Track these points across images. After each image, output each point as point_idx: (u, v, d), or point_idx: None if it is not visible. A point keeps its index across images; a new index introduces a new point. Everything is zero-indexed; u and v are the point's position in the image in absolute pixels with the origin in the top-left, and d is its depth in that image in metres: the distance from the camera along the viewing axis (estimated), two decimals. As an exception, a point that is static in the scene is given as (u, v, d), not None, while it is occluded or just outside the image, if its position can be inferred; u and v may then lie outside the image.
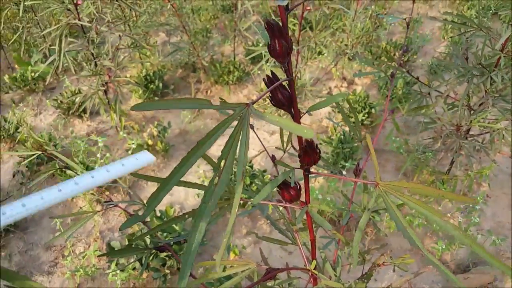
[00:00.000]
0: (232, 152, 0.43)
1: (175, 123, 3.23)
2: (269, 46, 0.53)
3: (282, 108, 0.60)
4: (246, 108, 0.44)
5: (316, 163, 0.69)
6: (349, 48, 3.56)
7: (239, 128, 0.43)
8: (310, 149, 0.66)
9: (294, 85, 0.58)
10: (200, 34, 4.04)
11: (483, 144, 2.24)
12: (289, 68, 0.54)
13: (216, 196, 0.43)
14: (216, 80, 3.66)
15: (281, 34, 0.51)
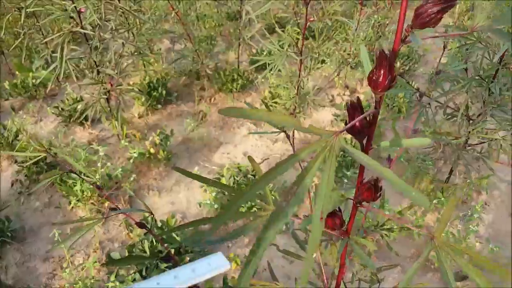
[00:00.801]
0: (308, 179, 0.38)
1: (178, 131, 3.22)
2: (371, 74, 0.50)
3: (355, 136, 0.56)
4: (335, 138, 0.40)
5: (374, 201, 0.66)
6: (351, 57, 3.56)
7: (323, 156, 0.39)
8: (374, 187, 0.63)
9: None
10: (204, 42, 4.05)
11: (481, 153, 2.25)
12: (381, 100, 0.52)
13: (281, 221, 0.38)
14: (220, 88, 3.66)
15: (390, 67, 0.48)
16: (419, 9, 0.46)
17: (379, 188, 0.64)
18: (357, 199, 0.66)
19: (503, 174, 2.85)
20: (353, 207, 0.70)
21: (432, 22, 0.45)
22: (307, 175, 0.38)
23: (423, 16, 0.45)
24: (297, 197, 0.38)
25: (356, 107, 0.55)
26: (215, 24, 4.51)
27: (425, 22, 0.46)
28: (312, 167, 0.38)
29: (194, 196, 2.67)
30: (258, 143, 3.24)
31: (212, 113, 3.51)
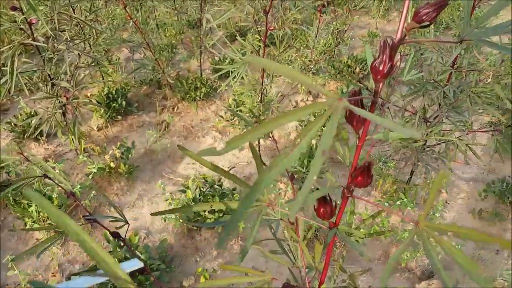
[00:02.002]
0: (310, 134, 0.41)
1: (140, 142, 3.13)
2: (374, 62, 0.54)
3: (352, 125, 0.61)
4: (339, 101, 0.43)
5: (366, 187, 0.68)
6: (313, 63, 3.60)
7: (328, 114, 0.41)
8: (367, 171, 0.65)
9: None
10: (165, 50, 3.98)
11: (439, 154, 2.33)
12: (380, 90, 0.56)
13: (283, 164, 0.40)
14: (183, 97, 3.60)
15: (391, 56, 0.53)
16: (419, 9, 0.52)
17: (371, 173, 0.66)
18: (350, 185, 0.68)
19: (460, 172, 2.96)
20: (344, 197, 0.70)
21: (428, 19, 0.52)
22: (312, 129, 0.41)
23: (421, 14, 0.52)
24: (301, 146, 0.41)
25: (356, 95, 0.59)
26: (175, 32, 4.44)
27: (423, 19, 0.52)
28: (317, 122, 0.41)
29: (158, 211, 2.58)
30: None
31: (175, 122, 3.44)
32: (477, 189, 2.78)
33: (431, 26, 4.56)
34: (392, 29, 4.94)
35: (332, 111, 0.40)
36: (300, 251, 1.00)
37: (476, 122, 3.06)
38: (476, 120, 3.08)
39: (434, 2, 0.50)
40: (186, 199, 2.43)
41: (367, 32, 4.53)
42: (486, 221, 2.56)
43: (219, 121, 3.42)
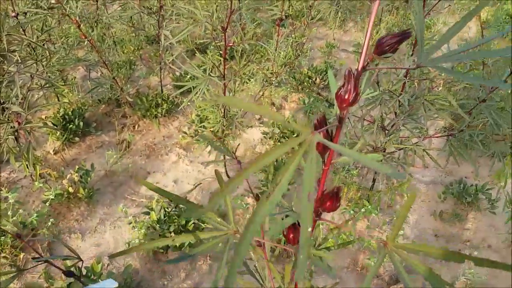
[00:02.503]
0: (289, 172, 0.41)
1: (100, 164, 3.03)
2: (339, 91, 0.55)
3: (318, 150, 0.61)
4: (312, 135, 0.44)
5: (334, 211, 0.68)
6: (274, 76, 3.63)
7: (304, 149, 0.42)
8: (336, 196, 0.66)
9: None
10: (123, 67, 3.89)
11: (399, 160, 2.40)
12: (344, 116, 0.56)
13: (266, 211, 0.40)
14: (144, 114, 3.52)
15: (356, 86, 0.54)
16: (381, 40, 0.53)
17: (339, 198, 0.67)
18: (319, 210, 0.68)
19: (420, 176, 3.06)
20: (312, 221, 0.70)
21: (389, 50, 0.52)
22: (290, 167, 0.41)
23: (383, 45, 0.53)
24: (282, 186, 0.41)
25: (322, 123, 0.61)
26: (134, 48, 4.36)
27: (384, 50, 0.53)
28: (293, 160, 0.41)
29: (121, 235, 2.50)
30: (189, 169, 3.15)
31: (136, 141, 3.36)
32: (437, 191, 2.88)
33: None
34: (349, 40, 5.08)
35: (307, 146, 0.41)
36: (268, 271, 0.99)
37: (432, 126, 3.18)
38: (432, 124, 3.20)
39: (396, 34, 0.51)
40: (150, 221, 2.37)
41: (325, 43, 4.64)
42: (446, 222, 2.65)
43: (183, 137, 3.37)
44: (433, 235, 2.58)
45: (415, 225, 2.69)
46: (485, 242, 2.47)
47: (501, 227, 2.53)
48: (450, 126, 2.37)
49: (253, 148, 3.34)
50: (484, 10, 5.20)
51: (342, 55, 4.68)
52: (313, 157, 0.40)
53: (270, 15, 3.40)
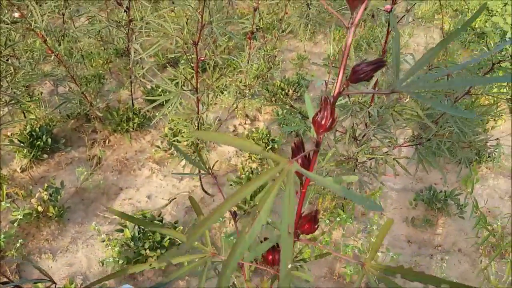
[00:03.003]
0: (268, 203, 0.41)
1: (70, 181, 2.94)
2: (316, 117, 0.56)
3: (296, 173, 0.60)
4: (290, 164, 0.44)
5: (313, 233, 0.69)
6: (247, 88, 3.65)
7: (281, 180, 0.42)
8: (314, 219, 0.66)
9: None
10: (92, 81, 3.82)
11: (370, 169, 2.46)
12: (321, 140, 0.57)
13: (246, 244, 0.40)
14: (115, 129, 3.46)
15: (332, 111, 0.55)
16: (356, 67, 0.53)
17: (317, 220, 0.68)
18: (297, 232, 0.69)
19: (391, 184, 3.13)
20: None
21: (365, 78, 0.53)
22: (268, 198, 0.41)
23: (359, 72, 0.53)
24: (261, 218, 0.41)
25: (299, 147, 0.62)
26: (102, 62, 4.29)
27: (360, 77, 0.54)
28: (272, 190, 0.41)
29: (95, 254, 2.42)
30: (163, 183, 3.11)
31: (107, 156, 3.29)
32: (408, 198, 2.95)
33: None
34: (319, 51, 5.18)
35: (284, 177, 0.41)
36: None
37: (401, 135, 3.28)
38: (401, 133, 3.30)
39: (371, 62, 0.52)
40: (124, 239, 2.31)
41: (296, 55, 4.71)
42: (418, 228, 2.71)
43: (156, 152, 3.33)
44: (406, 241, 2.64)
45: (388, 232, 2.74)
46: (456, 246, 2.55)
47: (470, 231, 2.62)
48: (418, 135, 2.45)
49: (228, 161, 3.34)
50: (447, 22, 5.43)
51: (313, 66, 4.77)
52: (291, 189, 0.40)
53: (241, 28, 3.44)
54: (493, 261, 2.02)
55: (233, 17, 4.81)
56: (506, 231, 2.41)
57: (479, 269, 2.29)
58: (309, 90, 4.30)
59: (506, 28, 4.69)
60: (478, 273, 2.27)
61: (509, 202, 2.87)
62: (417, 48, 5.35)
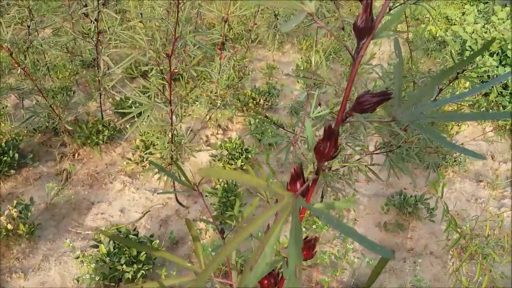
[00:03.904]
0: (273, 238, 0.40)
1: (39, 197, 2.84)
2: (319, 145, 0.55)
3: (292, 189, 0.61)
4: (295, 198, 0.43)
5: (310, 259, 0.69)
6: (218, 98, 3.66)
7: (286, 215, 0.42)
8: (313, 246, 0.66)
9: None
10: (59, 94, 3.71)
11: (344, 176, 2.52)
12: (321, 167, 0.58)
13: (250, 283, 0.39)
14: (84, 142, 3.37)
15: (336, 141, 0.54)
16: (361, 98, 0.53)
17: (315, 246, 0.69)
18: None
19: (364, 190, 3.21)
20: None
21: (370, 109, 0.53)
22: (273, 233, 0.40)
23: (364, 104, 0.53)
24: (266, 255, 0.40)
25: (299, 175, 0.61)
26: (69, 73, 4.19)
27: (364, 109, 0.53)
28: (277, 226, 0.41)
29: (68, 271, 2.35)
30: (136, 196, 3.05)
31: (77, 170, 3.20)
32: (380, 203, 3.03)
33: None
34: (287, 60, 5.26)
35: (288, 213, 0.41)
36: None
37: (371, 141, 3.37)
38: (371, 140, 3.39)
39: (377, 93, 0.52)
40: (99, 255, 2.25)
41: (265, 65, 4.77)
42: (391, 232, 2.79)
43: (127, 164, 3.27)
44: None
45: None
46: (427, 249, 2.64)
47: (440, 234, 2.72)
48: (389, 142, 2.53)
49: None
50: (410, 31, 5.65)
51: (283, 75, 4.83)
52: (297, 225, 0.39)
53: (210, 39, 3.45)
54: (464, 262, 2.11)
55: (201, 27, 4.83)
56: (474, 233, 2.52)
57: (451, 271, 2.38)
58: (280, 99, 4.36)
59: (465, 37, 4.93)
60: (450, 274, 2.36)
61: (475, 204, 3.01)
62: (382, 56, 5.53)
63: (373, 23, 0.50)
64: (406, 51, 5.34)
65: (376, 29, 0.50)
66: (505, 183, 3.22)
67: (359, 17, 0.50)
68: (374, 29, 0.50)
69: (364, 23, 0.50)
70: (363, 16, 0.50)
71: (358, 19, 0.50)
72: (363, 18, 0.49)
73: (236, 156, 3.27)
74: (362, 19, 0.50)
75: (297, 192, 0.51)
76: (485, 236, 2.35)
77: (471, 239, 2.07)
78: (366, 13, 0.50)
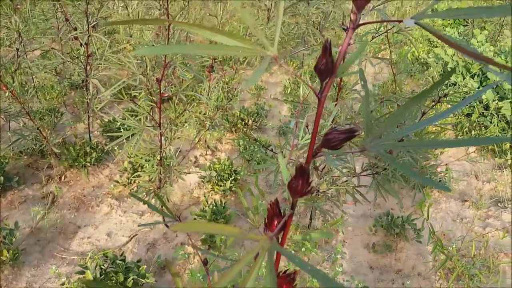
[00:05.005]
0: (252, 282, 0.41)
1: (24, 221, 2.79)
2: (291, 183, 0.57)
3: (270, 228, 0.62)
4: (269, 241, 0.45)
5: None
6: (208, 119, 3.69)
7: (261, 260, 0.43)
8: (292, 280, 0.67)
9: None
10: (47, 115, 3.70)
11: (332, 198, 2.55)
12: (296, 203, 0.59)
13: None
14: (71, 164, 3.34)
15: (308, 179, 0.56)
16: (329, 135, 0.55)
17: (295, 280, 0.68)
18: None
19: (351, 211, 3.23)
20: None
21: (337, 146, 0.55)
22: (249, 281, 0.41)
23: (332, 141, 0.55)
24: None
25: (276, 212, 0.62)
26: (57, 95, 4.18)
27: (332, 146, 0.55)
28: (253, 271, 0.42)
29: (54, 298, 2.30)
30: (123, 219, 3.02)
31: (64, 193, 3.16)
32: (368, 224, 3.06)
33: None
34: (275, 81, 5.34)
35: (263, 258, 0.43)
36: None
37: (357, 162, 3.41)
38: (358, 160, 3.43)
39: (344, 130, 0.54)
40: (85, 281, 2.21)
41: (254, 86, 4.82)
42: (379, 253, 2.81)
43: (115, 187, 3.24)
44: (368, 268, 2.72)
45: (351, 259, 2.82)
46: (415, 270, 2.66)
47: (428, 254, 2.75)
48: (375, 164, 2.58)
49: (191, 193, 3.31)
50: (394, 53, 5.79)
51: (271, 95, 4.89)
52: (272, 270, 0.41)
53: (200, 62, 3.49)
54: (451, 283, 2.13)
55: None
56: (461, 253, 2.55)
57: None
58: (268, 119, 4.40)
59: (446, 59, 5.08)
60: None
61: (461, 224, 3.05)
62: (367, 77, 5.65)
63: (333, 65, 0.52)
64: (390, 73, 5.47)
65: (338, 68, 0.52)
66: (489, 203, 3.28)
67: (319, 60, 0.51)
68: (335, 69, 0.52)
69: (324, 66, 0.51)
70: (323, 59, 0.51)
71: (319, 62, 0.51)
72: (323, 61, 0.51)
73: (225, 177, 3.28)
74: (323, 62, 0.51)
75: (273, 232, 0.53)
76: (471, 256, 2.39)
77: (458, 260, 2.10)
78: (326, 57, 0.51)
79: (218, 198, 3.25)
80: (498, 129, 3.94)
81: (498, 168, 3.73)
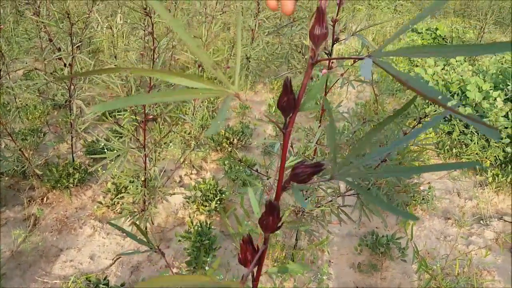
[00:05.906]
0: None
1: (4, 244, 2.72)
2: (262, 219, 0.58)
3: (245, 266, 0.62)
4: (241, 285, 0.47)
5: None
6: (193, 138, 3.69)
7: None
8: None
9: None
10: (29, 136, 3.64)
11: (317, 218, 2.56)
12: (268, 239, 0.60)
13: None
14: (54, 185, 3.29)
15: (278, 214, 0.57)
16: (296, 169, 0.56)
17: None
18: None
19: (337, 230, 3.25)
20: None
21: (305, 180, 0.56)
22: None
23: (299, 175, 0.56)
24: None
25: (249, 245, 0.62)
26: (40, 115, 4.13)
27: (300, 180, 0.56)
28: None
29: (33, 326, 2.23)
30: (106, 242, 2.97)
31: (46, 215, 3.10)
32: (353, 243, 3.07)
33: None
34: (260, 100, 5.39)
35: None
36: None
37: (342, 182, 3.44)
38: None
39: (310, 165, 0.55)
40: (67, 307, 2.16)
41: (238, 104, 4.86)
42: (365, 273, 2.82)
43: (98, 208, 3.20)
44: (353, 287, 2.72)
45: (337, 279, 2.82)
46: (400, 289, 2.67)
47: (413, 273, 2.77)
48: (358, 184, 2.61)
49: (175, 214, 3.29)
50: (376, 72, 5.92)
51: (255, 114, 4.93)
52: None
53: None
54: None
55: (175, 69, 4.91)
56: (445, 272, 2.58)
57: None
58: (253, 138, 4.42)
59: (427, 78, 5.21)
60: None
61: (444, 242, 3.09)
62: (350, 96, 5.74)
63: (295, 102, 0.54)
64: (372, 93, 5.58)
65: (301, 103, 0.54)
66: (471, 220, 3.34)
67: (281, 98, 0.53)
68: (298, 105, 0.54)
69: (286, 103, 0.53)
70: (284, 97, 0.53)
71: (280, 100, 0.53)
72: (285, 99, 0.53)
73: (211, 197, 3.26)
74: (284, 100, 0.53)
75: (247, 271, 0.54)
76: (455, 275, 2.41)
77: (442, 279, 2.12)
78: (287, 95, 0.53)
79: (203, 218, 3.23)
80: (478, 147, 4.04)
81: (479, 186, 3.81)
